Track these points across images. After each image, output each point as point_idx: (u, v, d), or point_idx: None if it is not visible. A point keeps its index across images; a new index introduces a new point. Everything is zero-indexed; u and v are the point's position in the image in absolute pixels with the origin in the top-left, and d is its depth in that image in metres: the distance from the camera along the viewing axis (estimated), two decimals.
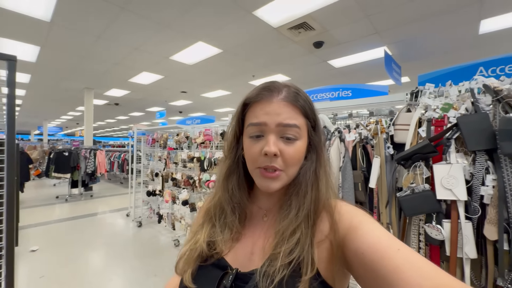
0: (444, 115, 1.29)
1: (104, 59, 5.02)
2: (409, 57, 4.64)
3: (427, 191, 1.21)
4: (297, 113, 0.47)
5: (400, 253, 0.36)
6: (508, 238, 1.01)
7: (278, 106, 0.46)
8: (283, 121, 0.45)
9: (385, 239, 0.38)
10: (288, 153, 0.46)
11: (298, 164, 0.48)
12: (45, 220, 4.44)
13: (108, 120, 15.92)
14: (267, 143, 0.45)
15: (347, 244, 0.41)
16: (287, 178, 0.47)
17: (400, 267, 0.34)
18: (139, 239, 3.61)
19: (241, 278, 0.44)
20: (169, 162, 3.58)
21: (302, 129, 0.47)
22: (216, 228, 0.51)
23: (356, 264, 0.39)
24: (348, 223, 0.43)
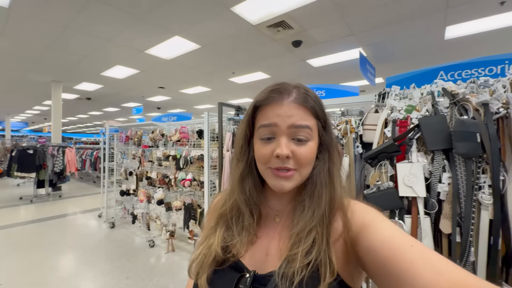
0: (407, 116, 1.35)
1: (73, 51, 4.70)
2: (382, 59, 4.85)
3: (391, 189, 1.27)
4: (307, 114, 0.47)
5: (413, 249, 0.36)
6: (460, 231, 1.10)
7: (289, 108, 0.46)
8: (295, 123, 0.45)
9: (398, 236, 0.39)
10: (301, 153, 0.46)
11: (310, 164, 0.48)
12: (6, 224, 4.10)
13: (80, 116, 15.00)
14: (279, 145, 0.45)
15: (360, 242, 0.41)
16: (300, 178, 0.47)
17: (415, 263, 0.34)
18: (112, 240, 3.45)
19: (258, 280, 0.44)
20: (144, 160, 3.45)
21: (313, 130, 0.47)
22: (233, 231, 0.51)
23: (369, 262, 0.39)
24: (361, 221, 0.43)
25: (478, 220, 1.07)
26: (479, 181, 1.08)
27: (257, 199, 0.53)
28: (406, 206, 1.27)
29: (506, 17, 3.28)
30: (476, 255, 1.06)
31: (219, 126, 2.05)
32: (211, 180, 2.29)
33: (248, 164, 0.53)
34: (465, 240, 1.06)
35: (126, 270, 2.65)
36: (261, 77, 6.22)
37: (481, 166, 1.09)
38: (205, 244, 0.51)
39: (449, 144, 1.14)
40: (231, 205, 0.54)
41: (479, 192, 1.07)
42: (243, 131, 0.52)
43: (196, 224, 2.74)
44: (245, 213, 0.52)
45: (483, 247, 1.05)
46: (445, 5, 3.05)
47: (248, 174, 0.53)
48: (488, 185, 1.06)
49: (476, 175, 1.08)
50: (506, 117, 1.08)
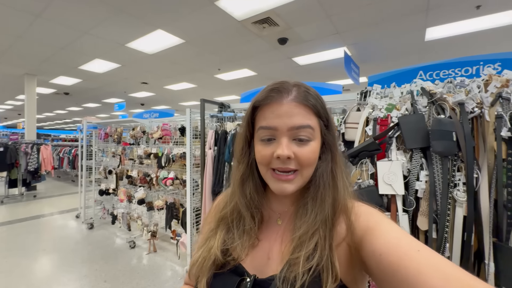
0: (388, 115, 1.37)
1: (47, 42, 4.42)
2: (366, 58, 4.94)
3: (372, 187, 1.28)
4: (309, 113, 0.45)
5: (420, 254, 0.35)
6: (436, 228, 1.12)
7: (289, 108, 0.44)
8: (296, 123, 0.44)
9: (404, 240, 0.37)
10: (302, 154, 0.44)
11: (313, 165, 0.46)
12: None
13: (57, 111, 14.27)
14: (280, 146, 0.44)
15: (365, 245, 0.40)
16: (302, 180, 0.46)
17: (422, 268, 0.33)
18: (90, 242, 3.30)
19: (259, 284, 0.43)
20: (124, 158, 3.32)
21: (315, 129, 0.45)
22: (234, 234, 0.50)
23: (374, 266, 0.38)
24: (366, 224, 0.42)
25: (453, 217, 1.10)
26: (455, 179, 1.10)
27: (259, 202, 0.52)
28: (386, 204, 1.29)
29: (482, 20, 3.43)
30: (450, 251, 1.09)
31: (201, 124, 1.99)
32: (194, 178, 2.23)
33: (249, 166, 0.51)
34: (441, 236, 1.08)
35: (104, 273, 2.54)
36: (247, 74, 6.16)
37: (457, 164, 1.11)
38: (205, 247, 0.50)
39: (426, 142, 1.16)
40: (231, 208, 0.53)
41: (454, 190, 1.10)
42: (243, 133, 0.51)
43: (178, 224, 2.68)
44: (246, 217, 0.51)
45: (457, 242, 1.08)
46: (426, 7, 3.13)
47: (249, 176, 0.52)
48: (462, 182, 1.09)
49: (452, 173, 1.11)
50: (480, 117, 1.11)
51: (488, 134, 1.05)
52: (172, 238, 2.83)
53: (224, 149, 1.94)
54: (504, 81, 1.09)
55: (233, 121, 2.09)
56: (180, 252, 2.68)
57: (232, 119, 2.11)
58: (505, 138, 0.99)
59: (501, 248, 0.98)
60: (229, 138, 1.93)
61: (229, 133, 1.94)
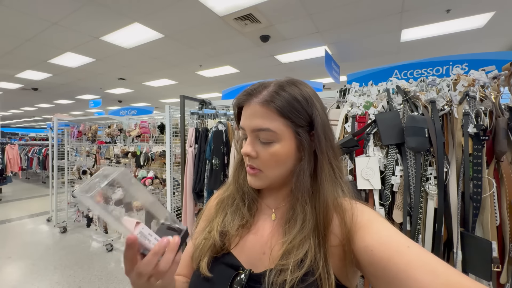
0: (365, 112, 1.40)
1: (10, 33, 4.07)
2: (346, 57, 5.07)
3: (351, 182, 1.31)
4: (271, 115, 0.45)
5: (410, 250, 0.35)
6: (410, 220, 1.17)
7: (253, 109, 0.46)
8: (255, 126, 0.46)
9: (396, 237, 0.38)
10: (264, 155, 0.46)
11: (278, 166, 0.47)
12: None
13: (25, 108, 13.26)
14: (244, 144, 0.48)
15: (357, 242, 0.41)
16: (268, 179, 0.48)
17: (411, 264, 0.34)
18: (63, 247, 3.12)
19: (254, 278, 0.45)
20: (100, 157, 3.15)
21: (279, 131, 0.45)
22: (228, 215, 0.53)
23: (366, 262, 0.39)
24: (358, 221, 0.43)
25: (425, 209, 1.15)
26: (427, 173, 1.16)
27: (253, 194, 0.54)
28: (363, 199, 1.32)
29: (451, 24, 3.64)
30: (423, 242, 1.14)
31: (181, 121, 1.93)
32: (174, 177, 2.17)
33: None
34: (414, 228, 1.13)
35: (79, 279, 2.41)
36: (229, 71, 6.08)
37: (429, 159, 1.17)
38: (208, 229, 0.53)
39: (401, 138, 1.21)
40: (228, 193, 0.57)
41: (426, 183, 1.15)
42: None
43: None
44: (237, 199, 0.54)
45: (429, 233, 1.13)
46: (400, 9, 3.26)
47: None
48: (434, 176, 1.14)
49: (424, 167, 1.16)
50: (449, 114, 1.17)
51: (456, 130, 1.11)
52: None
53: (205, 147, 1.90)
54: (470, 81, 1.15)
55: (214, 118, 2.05)
56: None
57: (213, 116, 2.08)
58: (471, 134, 1.05)
59: (468, 237, 1.04)
60: (210, 135, 1.89)
61: (210, 131, 1.91)
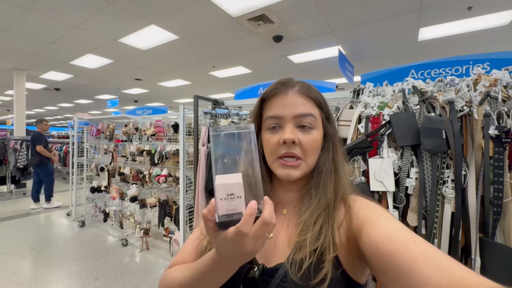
0: (380, 113, 1.38)
1: (36, 36, 4.31)
2: (360, 57, 4.97)
3: (363, 184, 1.29)
4: (311, 104, 0.50)
5: (416, 245, 0.36)
6: (425, 224, 1.14)
7: (294, 98, 0.50)
8: (300, 111, 0.48)
9: (401, 232, 0.39)
10: (306, 141, 0.48)
11: (316, 153, 0.50)
12: None
13: (48, 108, 13.98)
14: (285, 132, 0.48)
15: (363, 236, 0.42)
16: (306, 167, 0.50)
17: (416, 258, 0.34)
18: (81, 240, 3.26)
19: (266, 273, 0.46)
20: (116, 155, 3.27)
21: (317, 119, 0.50)
22: None
23: (372, 257, 0.40)
24: (365, 216, 0.44)
25: (442, 213, 1.12)
26: (444, 176, 1.12)
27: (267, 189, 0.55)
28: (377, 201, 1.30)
29: (473, 21, 3.48)
30: (439, 246, 1.11)
31: (195, 120, 1.97)
32: (187, 175, 2.22)
33: None
34: (430, 232, 1.10)
35: (96, 271, 2.51)
36: (242, 72, 6.13)
37: (446, 162, 1.13)
38: None
39: (417, 140, 1.18)
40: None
41: (443, 187, 1.12)
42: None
43: (171, 221, 2.66)
44: None
45: (445, 238, 1.10)
46: (418, 7, 3.17)
47: None
48: (451, 179, 1.11)
49: (441, 170, 1.13)
50: (469, 115, 1.13)
51: (476, 132, 1.07)
52: (165, 236, 2.81)
53: None
54: (492, 81, 1.11)
55: (227, 118, 2.08)
56: (173, 250, 2.66)
57: (226, 116, 2.10)
58: (492, 136, 1.01)
59: (487, 244, 1.00)
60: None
61: None
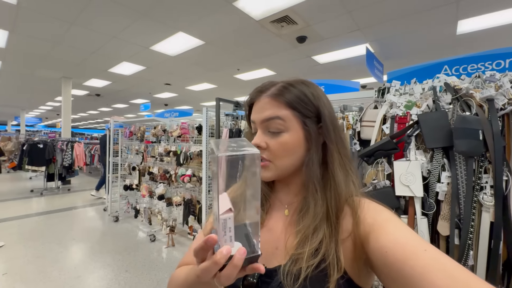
0: (407, 112, 1.29)
1: (80, 47, 4.78)
2: (390, 55, 4.71)
3: (387, 188, 1.22)
4: (281, 106, 0.48)
5: (427, 254, 0.34)
6: (459, 233, 1.04)
7: (263, 103, 0.49)
8: (265, 116, 0.48)
9: (412, 238, 0.38)
10: (273, 145, 0.47)
11: (288, 155, 0.48)
12: (16, 215, 4.24)
13: (90, 112, 15.34)
14: (255, 137, 0.49)
15: (371, 242, 0.40)
16: (278, 169, 0.49)
17: (428, 267, 0.33)
18: (114, 234, 3.52)
19: (266, 274, 0.45)
20: (146, 155, 3.48)
21: (288, 121, 0.47)
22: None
23: (380, 263, 0.38)
24: (373, 221, 0.42)
25: (479, 222, 1.01)
26: (481, 181, 1.01)
27: (266, 190, 0.55)
28: (403, 206, 1.22)
29: None
30: (475, 259, 1.00)
31: (216, 122, 2.03)
32: (209, 176, 2.28)
33: None
34: (464, 242, 1.00)
35: (126, 263, 2.68)
36: (266, 74, 6.16)
37: (484, 166, 1.02)
38: None
39: (449, 141, 1.08)
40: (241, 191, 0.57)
41: (480, 193, 1.01)
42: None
43: (195, 220, 2.75)
44: None
45: (483, 250, 0.99)
46: None
47: None
48: (490, 185, 1.00)
49: (478, 174, 1.02)
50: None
51: None
52: (189, 234, 2.92)
53: None
54: None
55: None
56: None
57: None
58: None
59: None
60: (242, 136, 1.95)
61: (243, 131, 1.96)
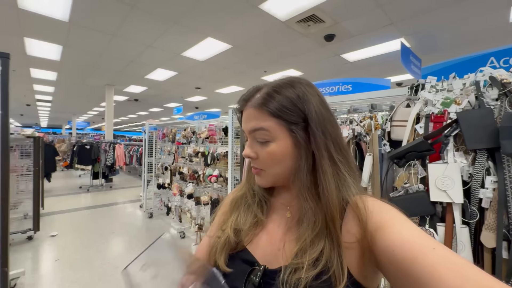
0: (444, 110, 1.18)
1: (120, 57, 5.22)
2: (430, 49, 4.34)
3: (421, 192, 1.13)
4: (264, 116, 0.47)
5: (436, 252, 0.34)
6: (507, 246, 0.92)
7: (248, 113, 0.49)
8: (251, 127, 0.48)
9: (419, 237, 0.37)
10: (262, 155, 0.48)
11: (278, 163, 0.48)
12: (67, 208, 4.77)
13: (130, 116, 16.66)
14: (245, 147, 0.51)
15: (377, 241, 0.39)
16: (272, 176, 0.50)
17: (437, 266, 0.32)
18: (149, 229, 3.76)
19: (268, 274, 0.45)
20: (177, 156, 3.67)
21: (273, 131, 0.46)
22: (241, 214, 0.55)
23: (387, 263, 0.38)
24: (378, 220, 0.41)
25: None
26: None
27: (263, 193, 0.56)
28: (440, 213, 1.12)
29: None
30: None
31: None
32: (235, 176, 2.33)
33: None
34: None
35: None
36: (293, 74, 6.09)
37: None
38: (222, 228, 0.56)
39: (494, 142, 0.96)
40: (242, 193, 0.59)
41: None
42: None
43: None
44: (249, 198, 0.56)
45: None
46: None
47: None
48: None
49: None
50: None
51: None
52: None
53: None
54: None
55: None
56: None
57: None
58: None
59: None
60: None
61: None
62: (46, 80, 7.27)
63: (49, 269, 2.59)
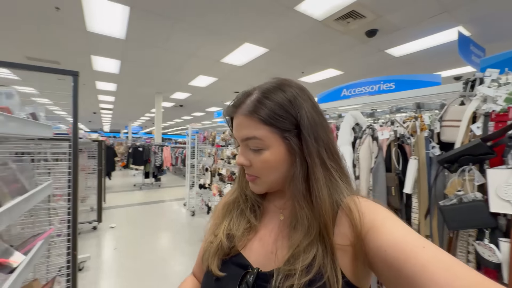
0: (508, 108, 1.03)
1: (168, 66, 5.72)
2: (494, 36, 3.74)
3: (478, 201, 1.00)
4: (256, 124, 0.46)
5: (426, 251, 0.34)
6: None
7: (239, 121, 0.48)
8: (243, 136, 0.48)
9: (410, 236, 0.37)
10: (256, 162, 0.48)
11: (271, 172, 0.48)
12: (123, 203, 5.39)
13: (176, 120, 18.03)
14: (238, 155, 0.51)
15: (369, 242, 0.39)
16: (267, 183, 0.50)
17: (428, 265, 0.32)
18: (191, 226, 4.02)
19: (262, 277, 0.45)
20: (217, 158, 3.85)
21: (266, 139, 0.45)
22: (233, 219, 0.55)
23: (379, 263, 0.38)
24: (370, 220, 0.41)
25: None
26: None
27: (255, 198, 0.56)
28: (504, 227, 0.97)
29: None
30: None
31: None
32: None
33: None
34: None
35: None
36: (332, 74, 5.87)
37: None
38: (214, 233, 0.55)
39: None
40: (233, 198, 0.58)
41: None
42: None
43: None
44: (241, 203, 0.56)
45: None
46: None
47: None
48: None
49: None
50: None
51: None
52: None
53: None
54: None
55: None
56: None
57: None
58: None
59: None
60: None
61: None
62: (108, 91, 8.35)
63: (109, 256, 2.97)
